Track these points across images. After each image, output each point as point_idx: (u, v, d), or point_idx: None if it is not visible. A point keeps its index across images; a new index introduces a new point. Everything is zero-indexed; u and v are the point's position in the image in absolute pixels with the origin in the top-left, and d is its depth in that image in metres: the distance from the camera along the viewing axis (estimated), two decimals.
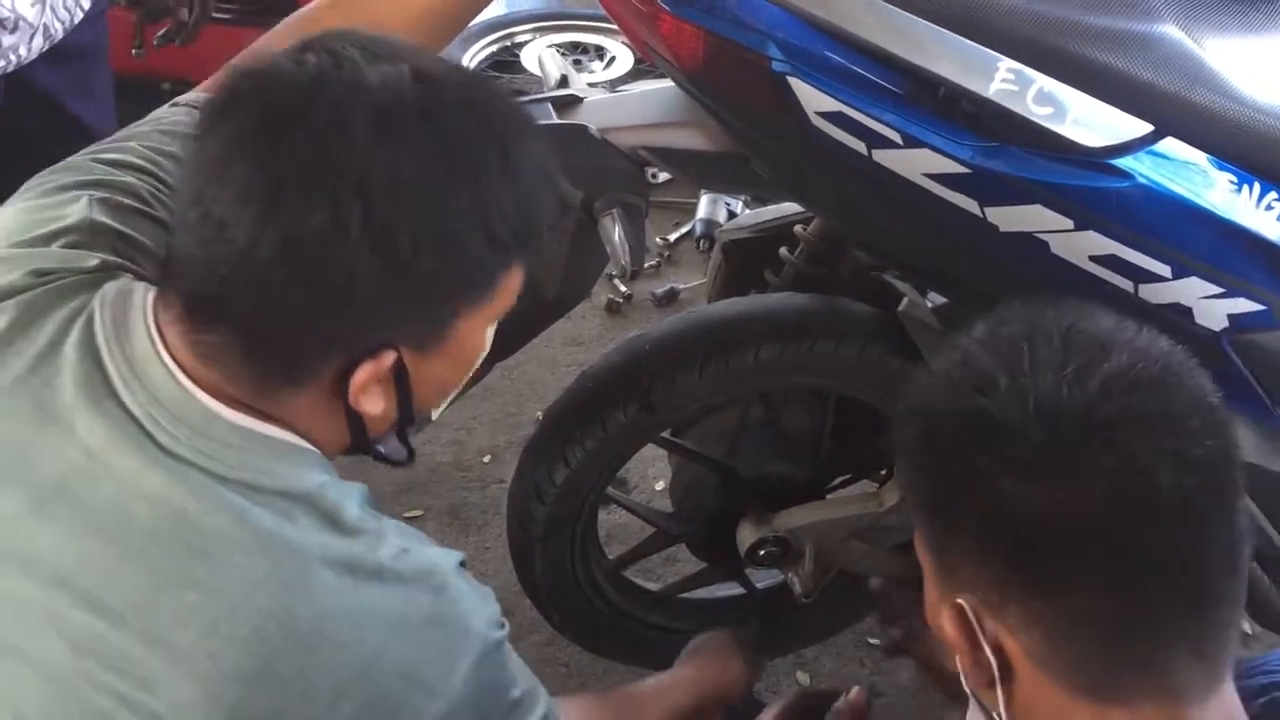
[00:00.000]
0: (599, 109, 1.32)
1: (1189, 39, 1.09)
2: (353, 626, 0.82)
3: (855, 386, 1.49)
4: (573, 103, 1.32)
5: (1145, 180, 1.09)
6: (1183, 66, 1.08)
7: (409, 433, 0.94)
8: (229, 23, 2.52)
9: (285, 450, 0.85)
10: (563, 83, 1.37)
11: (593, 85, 1.40)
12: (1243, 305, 1.15)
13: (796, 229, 1.53)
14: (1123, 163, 1.08)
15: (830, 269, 1.52)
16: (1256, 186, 1.11)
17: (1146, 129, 1.08)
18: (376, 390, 0.86)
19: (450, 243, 0.81)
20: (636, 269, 1.51)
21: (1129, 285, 1.13)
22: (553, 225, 0.91)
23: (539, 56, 2.97)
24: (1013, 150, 1.09)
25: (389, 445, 0.95)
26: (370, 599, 0.83)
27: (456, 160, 0.81)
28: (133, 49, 1.79)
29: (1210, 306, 1.14)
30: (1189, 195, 1.10)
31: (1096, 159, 1.08)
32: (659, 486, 2.16)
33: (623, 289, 2.67)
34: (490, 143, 0.83)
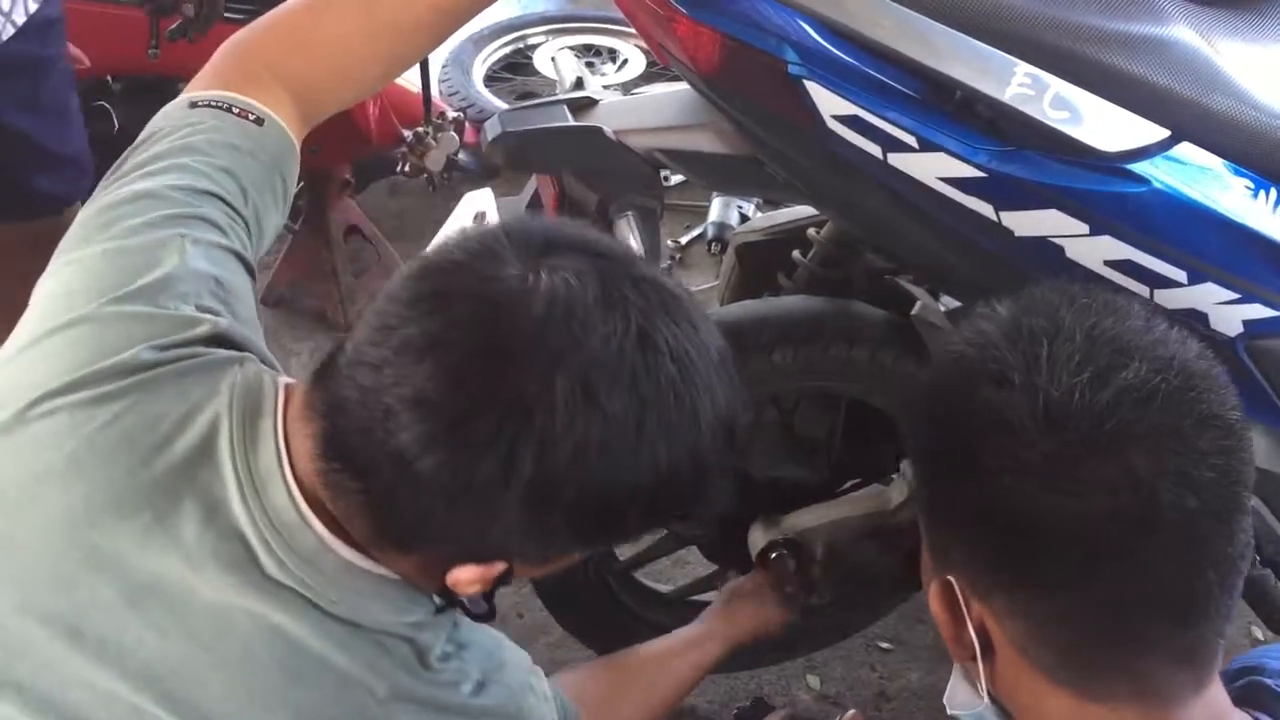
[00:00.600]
0: (614, 111, 1.33)
1: (1205, 44, 1.09)
2: None
3: (868, 390, 1.49)
4: (588, 105, 1.33)
5: (1161, 185, 1.09)
6: (1199, 71, 1.08)
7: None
8: (242, 22, 2.52)
9: (385, 588, 0.85)
10: (578, 85, 1.38)
11: (606, 88, 1.41)
12: (1258, 311, 1.15)
13: (810, 232, 1.52)
14: (1139, 168, 1.08)
15: (843, 272, 1.51)
16: (1273, 192, 1.11)
17: (1163, 134, 1.08)
18: (477, 581, 0.85)
19: (609, 511, 0.80)
20: None
21: (1144, 290, 1.13)
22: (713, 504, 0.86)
23: (552, 59, 2.99)
24: (1028, 155, 1.09)
25: (474, 602, 0.94)
26: None
27: (646, 436, 0.77)
28: (149, 49, 1.80)
29: (1225, 312, 1.14)
30: (1205, 200, 1.10)
31: (1112, 164, 1.08)
32: None
33: None
34: (690, 430, 0.79)
